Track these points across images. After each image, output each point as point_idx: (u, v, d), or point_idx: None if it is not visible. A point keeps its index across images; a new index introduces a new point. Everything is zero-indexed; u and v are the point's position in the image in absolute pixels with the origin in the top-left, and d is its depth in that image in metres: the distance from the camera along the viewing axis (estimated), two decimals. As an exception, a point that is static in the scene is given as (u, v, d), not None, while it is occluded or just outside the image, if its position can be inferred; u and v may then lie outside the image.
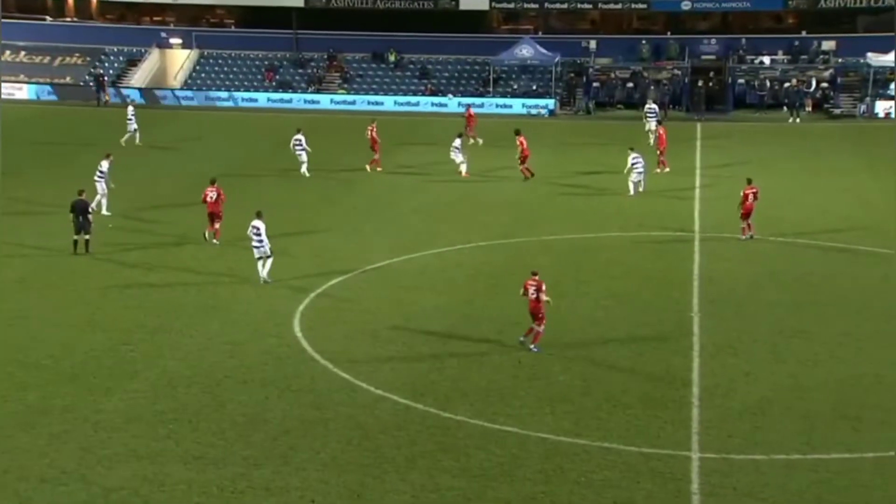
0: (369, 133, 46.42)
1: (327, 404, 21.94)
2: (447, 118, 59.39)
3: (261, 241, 29.52)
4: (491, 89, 66.68)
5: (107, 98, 65.25)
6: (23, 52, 70.09)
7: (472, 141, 50.63)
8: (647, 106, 54.85)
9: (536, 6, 69.96)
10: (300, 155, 44.13)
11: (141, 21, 75.06)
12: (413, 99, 65.80)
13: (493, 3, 69.64)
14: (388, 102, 65.62)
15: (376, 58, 70.15)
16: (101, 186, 37.36)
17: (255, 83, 68.84)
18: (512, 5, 70.59)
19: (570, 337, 25.97)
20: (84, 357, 24.29)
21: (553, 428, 21.00)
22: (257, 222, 29.61)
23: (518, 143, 43.77)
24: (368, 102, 65.47)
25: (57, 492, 18.42)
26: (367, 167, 45.25)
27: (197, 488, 18.56)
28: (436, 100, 65.47)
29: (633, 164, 40.47)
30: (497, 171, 45.01)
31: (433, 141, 51.35)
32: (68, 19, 75.95)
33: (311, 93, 66.87)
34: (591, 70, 66.25)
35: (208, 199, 33.59)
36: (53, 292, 29.23)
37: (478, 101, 63.10)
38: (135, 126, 50.83)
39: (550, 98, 64.01)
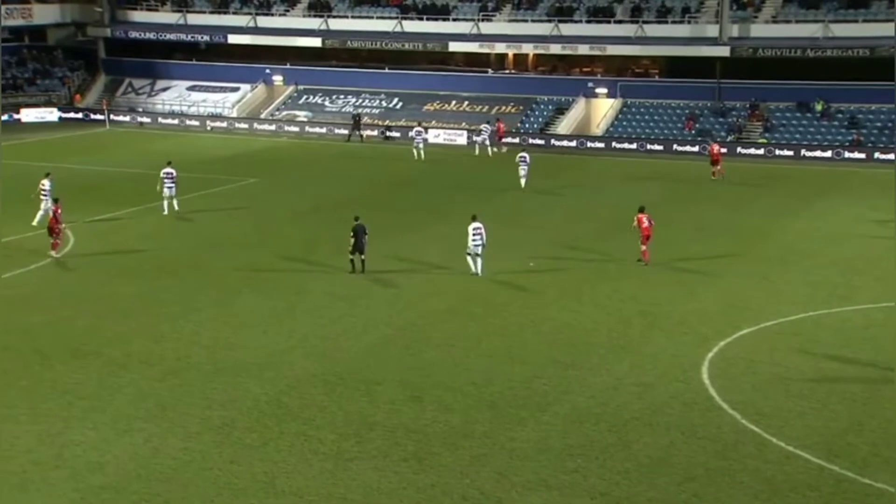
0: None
1: (734, 455, 21.43)
2: (872, 169, 56.53)
3: (482, 240, 34.13)
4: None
5: (361, 135, 69.98)
6: (466, 102, 75.40)
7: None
8: None
9: None
10: (523, 177, 48.94)
11: (571, 72, 78.08)
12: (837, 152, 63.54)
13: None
14: (810, 152, 63.69)
15: (801, 107, 68.14)
16: (44, 203, 40.85)
17: (675, 132, 69.29)
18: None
19: None
20: (502, 387, 25.11)
21: None
22: (478, 224, 34.19)
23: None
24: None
25: (477, 512, 19.20)
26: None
27: (603, 524, 18.71)
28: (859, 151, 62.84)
29: None
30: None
31: (854, 193, 48.96)
32: (507, 72, 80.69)
33: (730, 142, 65.81)
34: None
35: (644, 223, 36.56)
36: (476, 323, 30.35)
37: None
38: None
39: None
